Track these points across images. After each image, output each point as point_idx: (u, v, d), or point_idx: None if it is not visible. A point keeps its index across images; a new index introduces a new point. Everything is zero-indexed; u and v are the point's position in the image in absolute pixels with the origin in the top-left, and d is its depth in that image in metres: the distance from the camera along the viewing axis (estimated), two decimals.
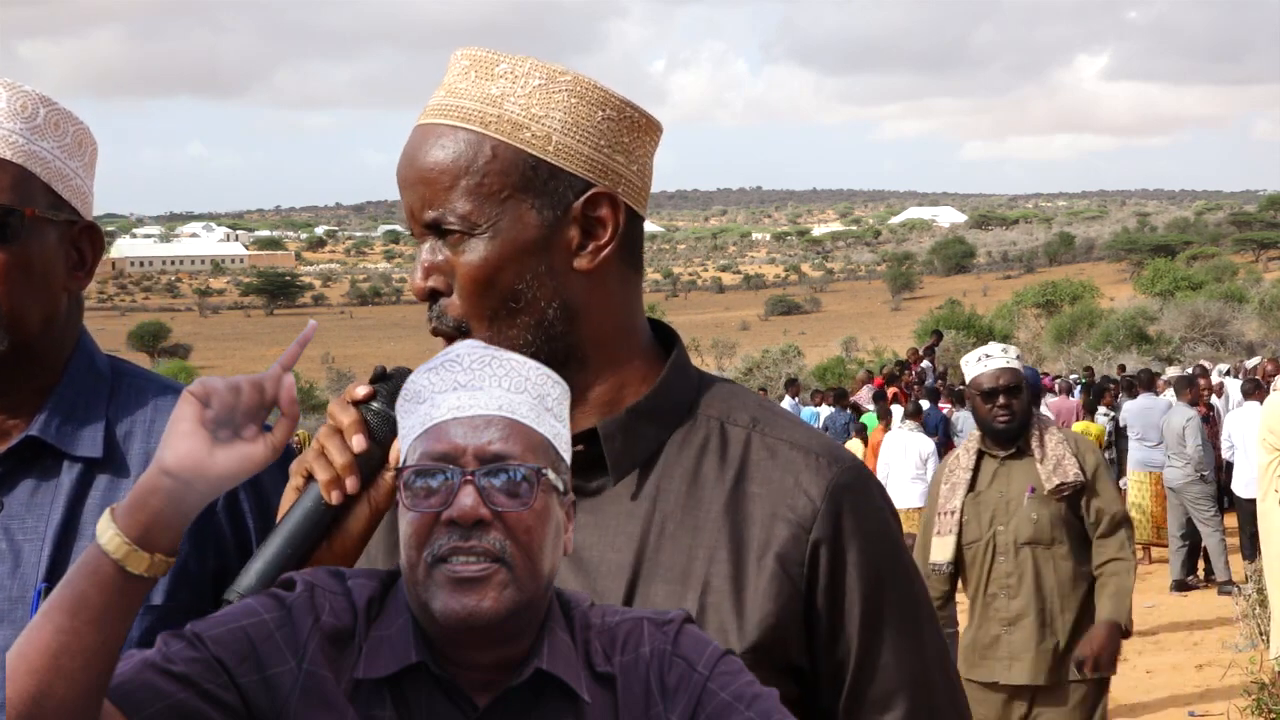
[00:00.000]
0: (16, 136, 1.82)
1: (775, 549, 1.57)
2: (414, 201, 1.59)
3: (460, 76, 1.61)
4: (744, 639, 1.54)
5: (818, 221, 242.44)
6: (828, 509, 1.58)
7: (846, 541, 1.59)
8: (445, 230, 1.58)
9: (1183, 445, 12.35)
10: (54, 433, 1.85)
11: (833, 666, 1.60)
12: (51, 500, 1.83)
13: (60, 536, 1.81)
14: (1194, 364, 22.04)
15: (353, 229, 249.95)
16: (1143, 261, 74.68)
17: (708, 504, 1.59)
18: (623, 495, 1.60)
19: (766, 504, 1.59)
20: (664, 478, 1.60)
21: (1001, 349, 5.41)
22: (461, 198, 1.56)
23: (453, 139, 1.58)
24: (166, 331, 69.42)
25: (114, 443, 1.87)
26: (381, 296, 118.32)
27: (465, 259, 1.57)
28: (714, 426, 1.64)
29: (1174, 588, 12.72)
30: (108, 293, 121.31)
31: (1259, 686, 7.53)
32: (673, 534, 1.58)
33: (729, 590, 1.56)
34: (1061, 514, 5.21)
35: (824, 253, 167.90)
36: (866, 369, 24.60)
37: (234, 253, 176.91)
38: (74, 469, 1.85)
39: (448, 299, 1.60)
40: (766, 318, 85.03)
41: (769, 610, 1.55)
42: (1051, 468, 5.20)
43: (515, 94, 1.58)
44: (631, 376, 1.64)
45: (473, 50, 1.62)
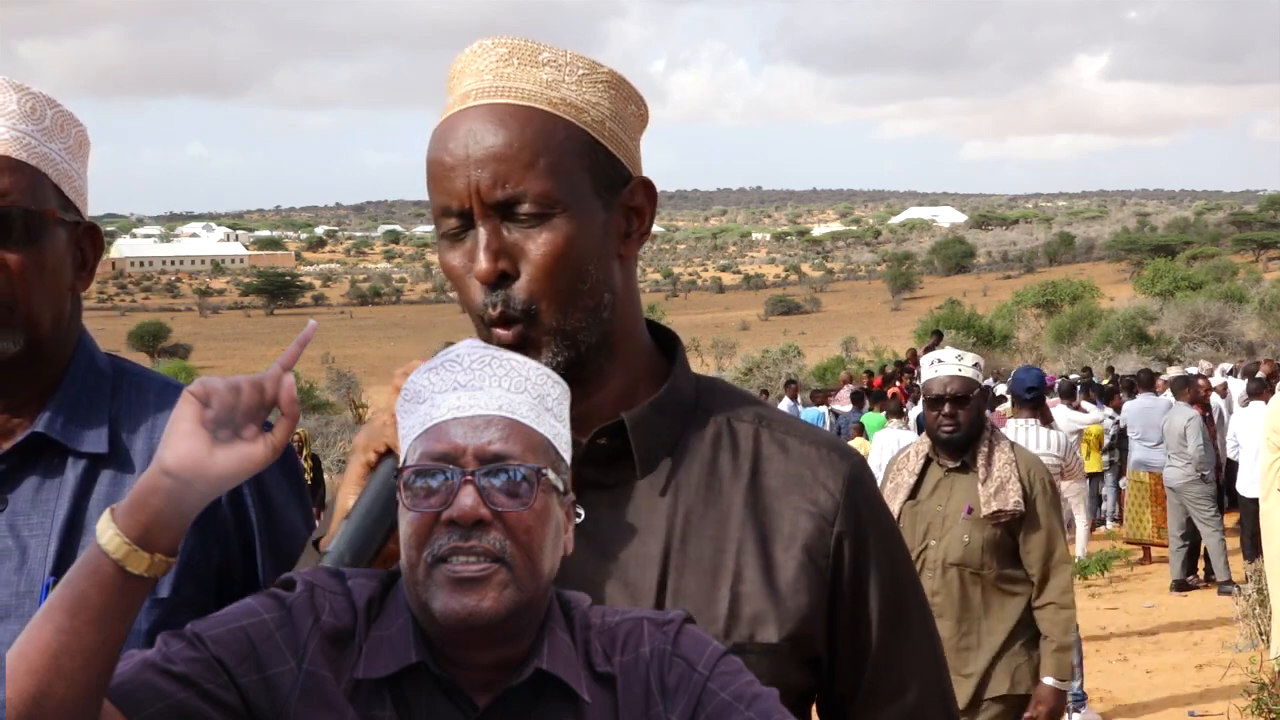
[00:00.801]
0: (30, 139, 1.84)
1: (802, 540, 1.59)
2: (482, 181, 1.52)
3: (501, 63, 1.58)
4: (781, 629, 1.57)
5: (818, 221, 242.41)
6: (847, 502, 1.62)
7: (866, 533, 1.63)
8: (517, 210, 1.53)
9: (1183, 445, 12.34)
10: (59, 429, 1.86)
11: (852, 655, 1.63)
12: (56, 496, 1.85)
13: (66, 532, 1.83)
14: (1195, 364, 22.03)
15: (353, 229, 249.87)
16: (1143, 261, 74.67)
17: (728, 497, 1.61)
18: (645, 489, 1.60)
19: (786, 497, 1.61)
20: (682, 471, 1.61)
21: (956, 355, 5.21)
22: (541, 176, 1.53)
23: (527, 117, 1.54)
24: (166, 331, 69.37)
25: (118, 439, 1.89)
26: (381, 296, 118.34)
27: (544, 239, 1.53)
28: (721, 422, 1.65)
29: (1174, 588, 12.72)
30: (108, 293, 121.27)
31: (1259, 686, 7.53)
32: (697, 527, 1.59)
33: (761, 581, 1.58)
34: (996, 539, 4.98)
35: (824, 253, 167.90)
36: (847, 371, 24.55)
37: (234, 253, 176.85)
38: (78, 465, 1.86)
39: (514, 283, 1.55)
40: (766, 318, 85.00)
41: (801, 600, 1.58)
42: (993, 490, 4.97)
43: (566, 80, 1.58)
44: (643, 371, 1.65)
45: (506, 39, 1.60)
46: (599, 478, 1.58)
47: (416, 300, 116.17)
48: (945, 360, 5.17)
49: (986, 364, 33.02)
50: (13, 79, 1.87)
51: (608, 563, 1.56)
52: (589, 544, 1.56)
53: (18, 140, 1.83)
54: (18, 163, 1.82)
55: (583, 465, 1.57)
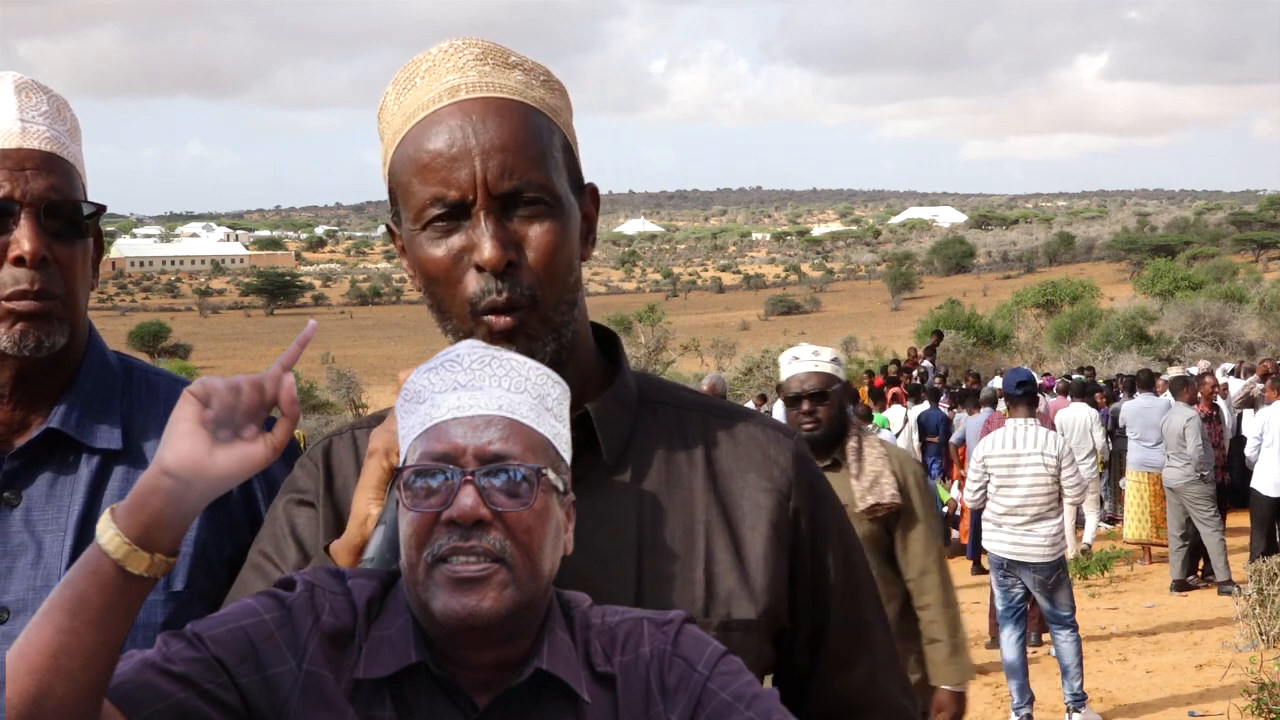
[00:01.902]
0: (63, 138, 1.88)
1: (766, 518, 1.64)
2: (489, 170, 1.53)
3: (477, 61, 1.59)
4: (756, 604, 1.60)
5: (818, 221, 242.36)
6: (799, 477, 1.68)
7: (818, 505, 1.69)
8: (521, 201, 1.54)
9: (1183, 445, 12.34)
10: (74, 425, 1.88)
11: (812, 627, 1.67)
12: (71, 492, 1.87)
13: (81, 527, 1.84)
14: (1195, 364, 22.02)
15: (353, 229, 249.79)
16: (1143, 261, 74.63)
17: (688, 482, 1.64)
18: (609, 479, 1.62)
19: (742, 478, 1.66)
20: (641, 461, 1.64)
21: (813, 351, 4.95)
22: (543, 169, 1.55)
23: (526, 112, 1.57)
24: (166, 331, 69.30)
25: (131, 435, 1.91)
26: (381, 296, 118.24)
27: (544, 229, 1.55)
28: (669, 412, 1.69)
29: (1174, 588, 12.72)
30: (108, 293, 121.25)
31: (1259, 686, 7.53)
32: (664, 512, 1.62)
33: (732, 560, 1.62)
34: (873, 535, 4.73)
35: (824, 253, 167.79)
36: (867, 369, 24.60)
37: (234, 253, 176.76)
38: (92, 461, 1.88)
39: (519, 270, 1.55)
40: (766, 318, 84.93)
41: (772, 575, 1.62)
42: (868, 484, 4.74)
43: (533, 84, 1.60)
44: (593, 365, 1.68)
45: (476, 40, 1.61)
46: None
47: (416, 300, 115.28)
48: (801, 357, 4.93)
49: (987, 364, 32.79)
50: (32, 77, 1.89)
51: (586, 552, 1.56)
52: None
53: (56, 140, 1.86)
54: (61, 160, 1.86)
55: None
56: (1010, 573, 8.27)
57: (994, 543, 8.29)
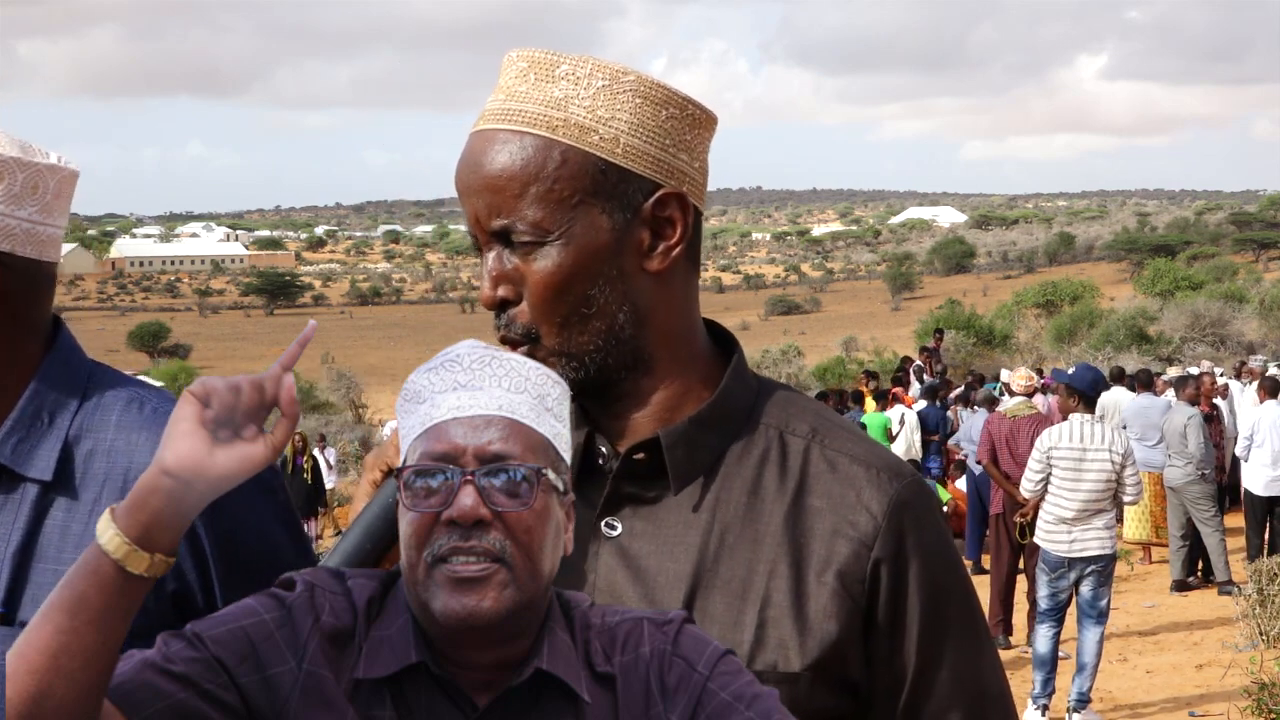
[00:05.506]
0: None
1: (836, 565, 1.55)
2: (480, 209, 1.56)
3: (518, 79, 1.58)
4: (805, 657, 1.53)
5: (818, 221, 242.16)
6: (889, 525, 1.56)
7: (908, 558, 1.57)
8: (515, 238, 1.55)
9: (1184, 444, 12.35)
10: (9, 453, 1.77)
11: (890, 682, 1.58)
12: (13, 520, 1.76)
13: (19, 560, 1.75)
14: (1195, 364, 22.01)
15: (353, 229, 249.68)
16: (1143, 261, 74.55)
17: (768, 516, 1.57)
18: (683, 505, 1.58)
19: (827, 519, 1.56)
20: (724, 488, 1.58)
21: None
22: (532, 205, 1.53)
23: (520, 145, 1.54)
24: (166, 331, 69.20)
25: (69, 463, 1.79)
26: (381, 297, 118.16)
27: (537, 267, 1.55)
28: (773, 436, 1.61)
29: (1174, 588, 12.72)
30: (108, 293, 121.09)
31: (1259, 686, 7.53)
32: (732, 546, 1.56)
33: (789, 605, 1.54)
34: None
35: (824, 253, 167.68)
36: (866, 369, 24.59)
37: (234, 253, 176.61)
38: (32, 489, 1.77)
39: (517, 307, 1.57)
40: (766, 318, 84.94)
41: (830, 628, 1.54)
42: None
43: (579, 96, 1.56)
44: (694, 381, 1.63)
45: (529, 51, 1.59)
46: (637, 492, 1.58)
47: (416, 300, 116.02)
48: None
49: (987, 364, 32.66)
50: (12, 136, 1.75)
51: (637, 578, 1.55)
52: (621, 558, 1.56)
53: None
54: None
55: (621, 480, 1.57)
56: (1065, 572, 8.34)
57: (1052, 543, 8.36)
